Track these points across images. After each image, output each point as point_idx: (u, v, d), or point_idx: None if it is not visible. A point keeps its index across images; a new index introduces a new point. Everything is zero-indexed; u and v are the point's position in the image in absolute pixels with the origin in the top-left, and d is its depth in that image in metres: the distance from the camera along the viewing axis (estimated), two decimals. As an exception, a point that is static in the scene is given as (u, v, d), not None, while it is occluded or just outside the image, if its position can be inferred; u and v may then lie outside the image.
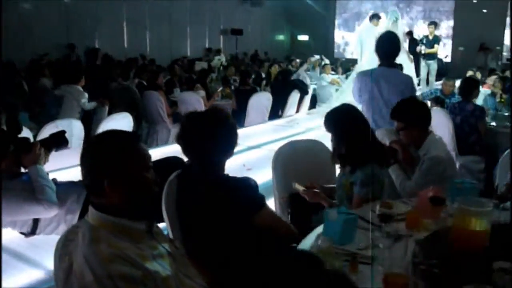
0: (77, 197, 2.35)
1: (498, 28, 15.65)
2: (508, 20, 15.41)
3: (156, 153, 2.32)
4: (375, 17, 6.86)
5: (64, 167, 3.48)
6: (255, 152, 4.14)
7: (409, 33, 9.73)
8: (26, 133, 3.13)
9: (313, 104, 8.08)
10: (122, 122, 4.17)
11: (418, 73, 8.29)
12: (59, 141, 2.63)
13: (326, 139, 2.95)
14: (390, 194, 2.51)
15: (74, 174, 3.46)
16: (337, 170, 2.68)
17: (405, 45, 6.87)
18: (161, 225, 1.74)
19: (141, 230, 1.34)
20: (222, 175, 1.90)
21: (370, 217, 1.95)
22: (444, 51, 15.18)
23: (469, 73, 6.83)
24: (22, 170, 2.48)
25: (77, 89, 5.09)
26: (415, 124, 2.58)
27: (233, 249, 1.78)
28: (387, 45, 3.42)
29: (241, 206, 1.79)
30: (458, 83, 5.50)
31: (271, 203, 2.46)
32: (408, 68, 6.59)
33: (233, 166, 2.03)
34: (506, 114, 4.73)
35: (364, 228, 1.88)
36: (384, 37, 3.53)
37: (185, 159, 2.34)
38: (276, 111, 6.80)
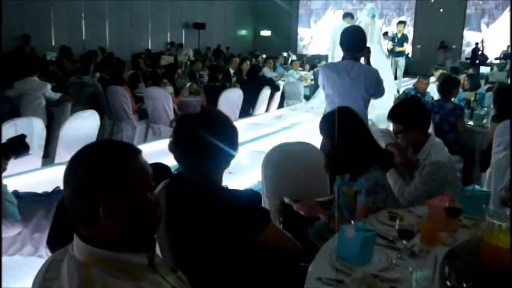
0: (45, 212, 2.02)
1: (456, 27, 16.13)
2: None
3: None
4: (348, 15, 6.89)
5: (22, 172, 3.12)
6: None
7: (385, 33, 10.01)
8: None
9: (280, 101, 7.90)
10: (88, 120, 3.81)
11: None
12: (18, 147, 2.30)
13: (310, 137, 2.77)
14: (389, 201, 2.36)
15: (34, 180, 3.11)
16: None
17: (381, 40, 6.88)
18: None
19: (142, 264, 1.09)
20: (221, 187, 1.66)
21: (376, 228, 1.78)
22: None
23: (439, 71, 6.86)
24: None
25: (37, 82, 4.59)
26: (415, 127, 2.43)
27: (238, 274, 1.55)
28: (351, 39, 3.32)
29: (247, 223, 1.55)
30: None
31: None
32: (386, 65, 6.58)
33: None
34: (482, 113, 4.71)
35: (379, 244, 1.69)
36: (348, 30, 3.43)
37: (170, 165, 2.09)
38: (246, 109, 6.57)
